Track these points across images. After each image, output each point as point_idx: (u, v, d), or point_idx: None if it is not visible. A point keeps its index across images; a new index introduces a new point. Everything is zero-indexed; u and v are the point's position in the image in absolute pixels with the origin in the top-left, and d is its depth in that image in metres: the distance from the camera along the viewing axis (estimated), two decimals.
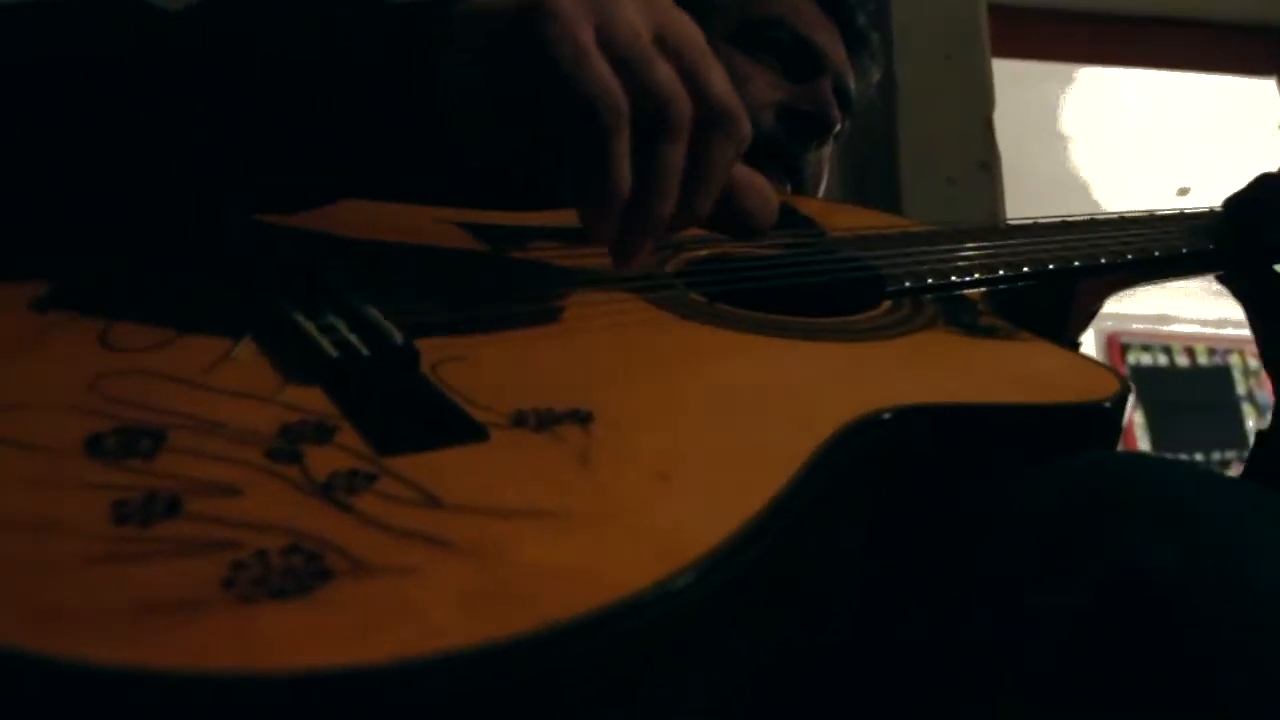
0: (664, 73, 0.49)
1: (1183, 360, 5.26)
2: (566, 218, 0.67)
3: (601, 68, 0.47)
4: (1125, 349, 5.12)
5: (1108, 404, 0.52)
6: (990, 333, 0.59)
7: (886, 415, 0.47)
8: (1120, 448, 0.52)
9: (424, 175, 0.55)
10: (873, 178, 1.68)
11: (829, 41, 0.96)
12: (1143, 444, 4.79)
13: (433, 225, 0.63)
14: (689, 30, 0.52)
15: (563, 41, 0.47)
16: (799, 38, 0.94)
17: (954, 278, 0.66)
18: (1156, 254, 0.75)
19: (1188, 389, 5.14)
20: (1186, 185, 4.21)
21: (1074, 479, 0.44)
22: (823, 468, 0.43)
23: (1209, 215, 0.84)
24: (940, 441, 0.49)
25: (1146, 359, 5.18)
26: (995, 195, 1.66)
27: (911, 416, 0.48)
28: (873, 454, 0.47)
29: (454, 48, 0.50)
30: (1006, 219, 1.70)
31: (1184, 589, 0.38)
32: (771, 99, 0.90)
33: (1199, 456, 4.87)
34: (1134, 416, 4.96)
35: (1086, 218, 0.80)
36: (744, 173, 0.54)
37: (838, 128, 0.93)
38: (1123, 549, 0.40)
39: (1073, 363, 0.57)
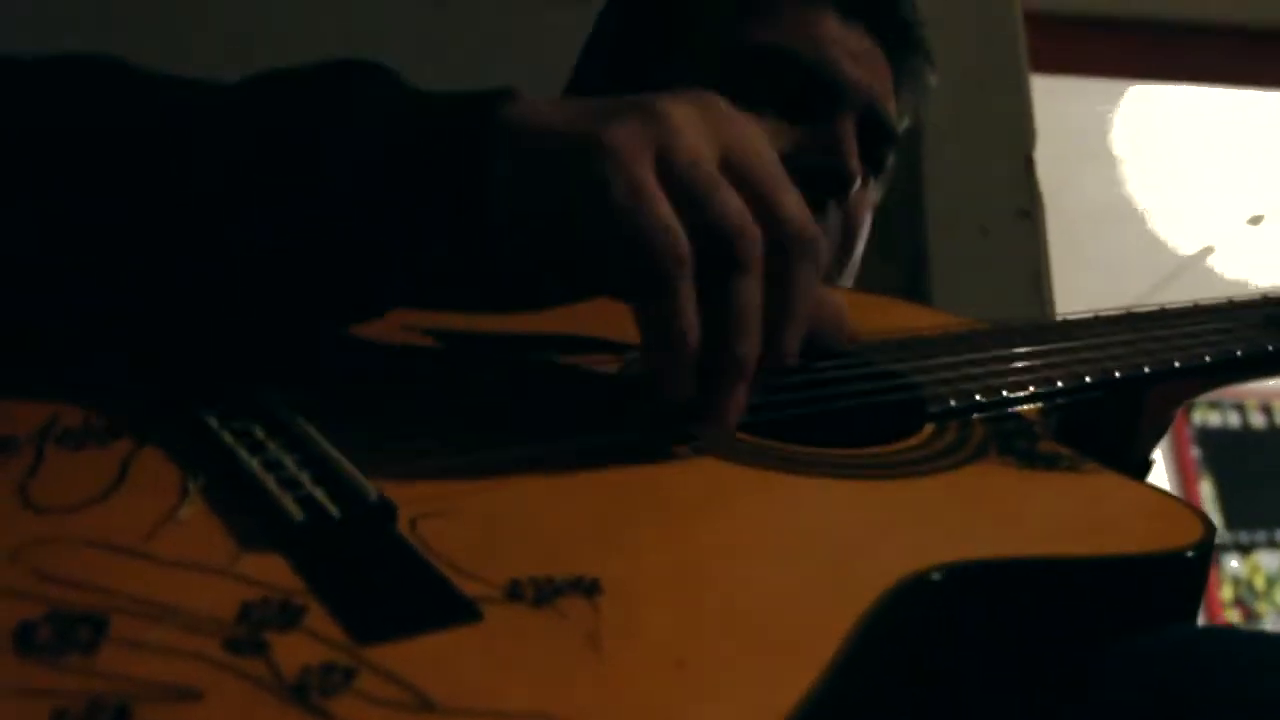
0: (731, 203, 0.52)
1: (1258, 420, 5.30)
2: (553, 322, 0.69)
3: (661, 208, 0.51)
4: (1190, 407, 5.16)
5: (1190, 553, 0.53)
6: (1051, 463, 0.61)
7: (936, 575, 0.48)
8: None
9: (466, 286, 0.58)
10: (893, 230, 1.71)
11: (853, 63, 0.91)
12: (1213, 521, 4.81)
13: (406, 334, 0.64)
14: (757, 148, 0.55)
15: (618, 181, 0.51)
16: (814, 73, 0.90)
17: (1006, 393, 0.68)
18: (1239, 354, 0.77)
19: (1266, 454, 5.18)
20: (1259, 213, 4.28)
21: (1154, 669, 0.45)
22: (864, 643, 0.44)
23: None
24: (996, 605, 0.50)
25: (1215, 419, 5.22)
26: (1038, 247, 1.69)
27: (963, 576, 0.49)
28: (920, 622, 0.48)
29: (504, 161, 0.54)
30: (1050, 270, 1.73)
31: None
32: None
33: None
34: (1201, 488, 4.99)
35: (1155, 309, 0.82)
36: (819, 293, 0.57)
37: (857, 183, 0.90)
38: None
39: (1147, 501, 0.58)
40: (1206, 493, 5.01)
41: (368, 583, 0.44)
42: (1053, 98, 2.13)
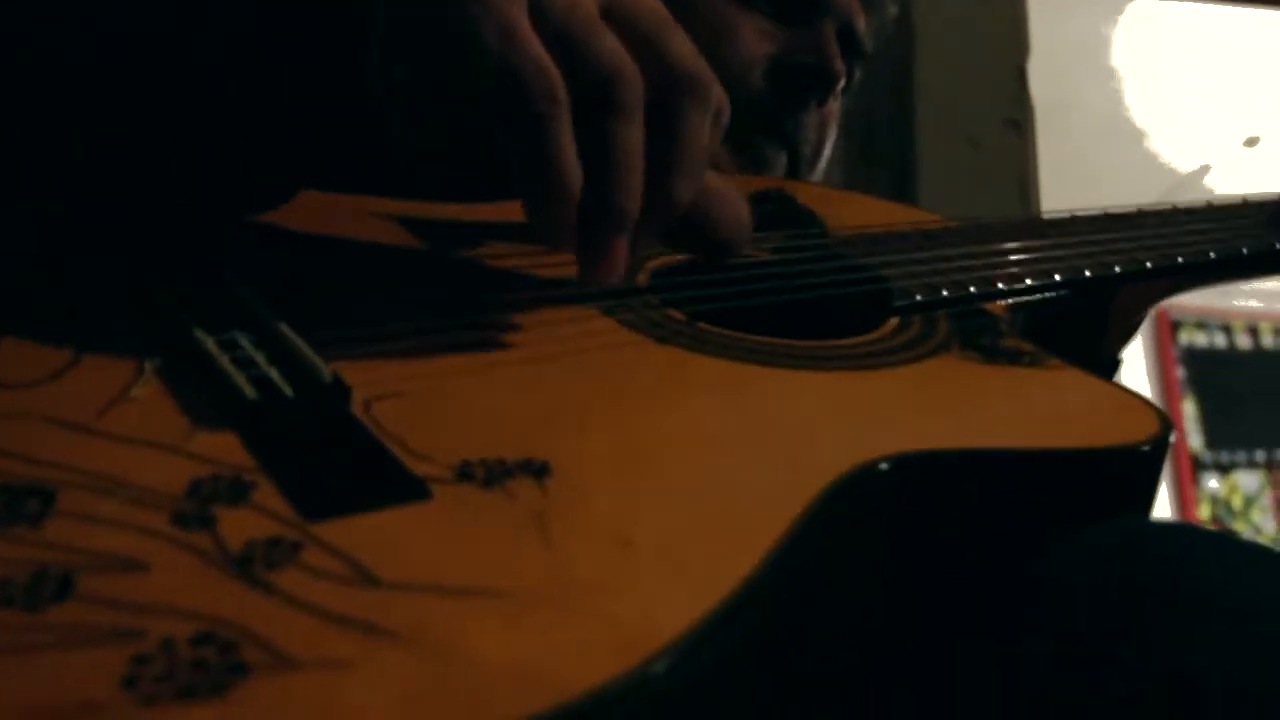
0: (608, 44, 0.51)
1: (1244, 341, 5.32)
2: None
3: (531, 47, 0.50)
4: (1176, 327, 5.16)
5: (1146, 447, 0.53)
6: (1013, 358, 0.61)
7: (884, 465, 0.48)
8: (1170, 445, 0.53)
9: (368, 165, 0.57)
10: (882, 138, 1.70)
11: None
12: (1194, 440, 4.84)
13: (369, 222, 0.64)
14: (644, 2, 0.53)
15: (488, 23, 0.49)
16: None
17: (974, 289, 0.68)
18: (1212, 255, 0.77)
19: (1250, 375, 5.20)
20: (1255, 135, 4.26)
21: (1106, 557, 0.46)
22: (812, 531, 0.44)
23: (1277, 204, 0.86)
24: (947, 497, 0.50)
25: (1201, 339, 5.23)
26: (1027, 158, 1.68)
27: (913, 466, 0.49)
28: (870, 512, 0.48)
29: (379, 34, 0.52)
30: (1039, 183, 1.71)
31: (1224, 698, 0.40)
32: (760, 52, 0.91)
33: (1261, 454, 4.94)
34: (1184, 407, 5.02)
35: (1132, 210, 0.82)
36: (710, 180, 0.56)
37: (842, 81, 0.94)
38: (1157, 647, 0.42)
39: (1106, 397, 0.58)
40: (1189, 412, 5.04)
41: (318, 461, 0.44)
42: (1052, 11, 2.10)
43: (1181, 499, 4.41)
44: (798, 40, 0.93)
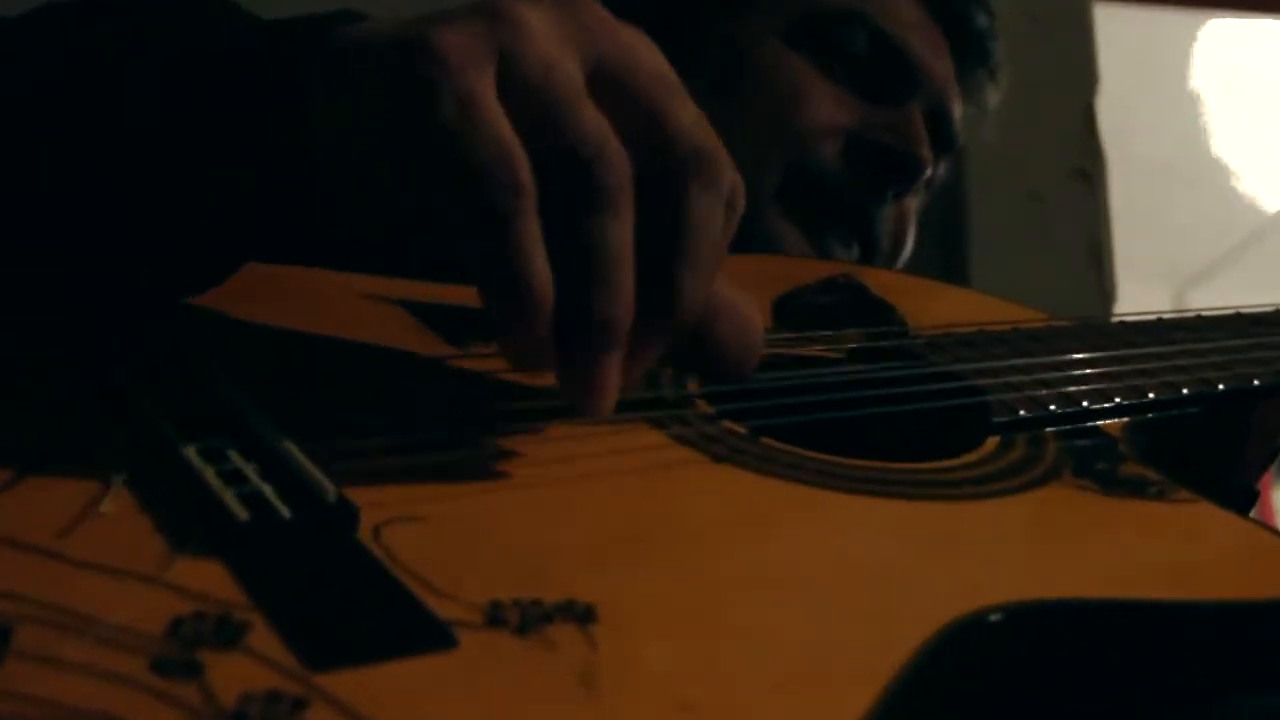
0: (588, 120, 0.50)
1: None
2: None
3: (495, 126, 0.49)
4: None
5: None
6: (1137, 489, 0.61)
7: (995, 616, 0.49)
8: None
9: (326, 239, 0.58)
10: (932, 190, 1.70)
11: (929, 51, 0.97)
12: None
13: (362, 304, 0.65)
14: (638, 55, 0.53)
15: (444, 92, 0.49)
16: (886, 40, 0.95)
17: (1087, 404, 0.68)
18: None
19: None
20: None
21: None
22: (909, 695, 0.44)
23: None
24: (1065, 655, 0.50)
25: None
26: (1098, 213, 1.67)
27: (1028, 618, 0.49)
28: (977, 673, 0.48)
29: (325, 89, 0.53)
30: (1113, 242, 1.71)
31: None
32: (838, 123, 0.92)
33: None
34: (1273, 499, 4.95)
35: (1270, 309, 0.83)
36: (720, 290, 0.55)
37: (928, 173, 0.95)
38: None
39: (1248, 537, 0.58)
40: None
41: (322, 598, 0.44)
42: (1121, 36, 2.11)
43: None
44: (882, 118, 0.94)
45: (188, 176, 0.56)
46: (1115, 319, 0.81)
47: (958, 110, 1.01)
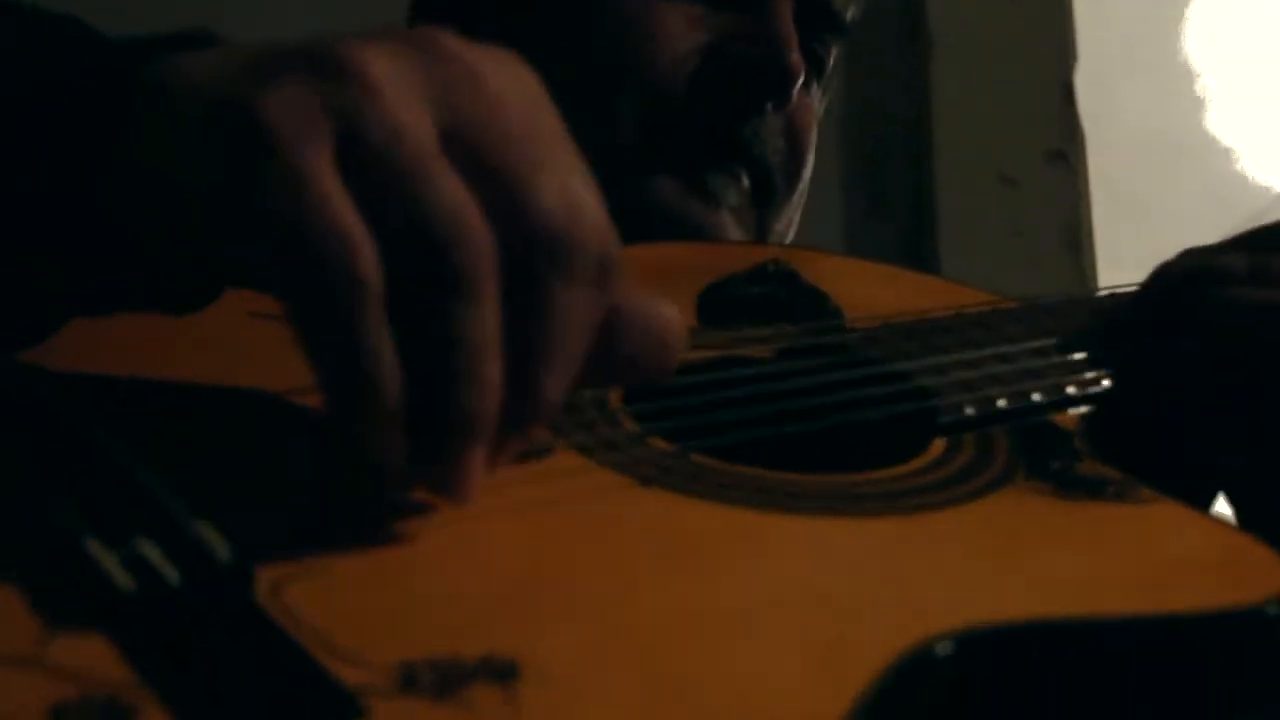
0: (444, 193, 0.48)
1: None
2: None
3: (333, 210, 0.46)
4: None
5: (1271, 609, 0.54)
6: (1095, 490, 0.61)
7: (946, 647, 0.49)
8: None
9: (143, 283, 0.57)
10: (894, 174, 1.70)
11: None
12: None
13: (249, 326, 0.64)
14: (500, 104, 0.50)
15: (272, 171, 0.46)
16: None
17: (1039, 397, 0.69)
18: None
19: None
20: None
21: None
22: None
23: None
24: (1026, 684, 0.50)
25: None
26: (1076, 198, 1.68)
27: (982, 644, 0.49)
28: (936, 701, 0.48)
29: (135, 129, 0.52)
30: (1092, 229, 1.72)
31: None
32: (690, 45, 0.91)
33: None
34: None
35: None
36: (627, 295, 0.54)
37: (800, 77, 0.92)
38: None
39: (1216, 540, 0.58)
40: None
41: (219, 672, 0.43)
42: (1101, 5, 2.11)
43: None
44: (740, 25, 0.92)
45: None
46: (1064, 297, 0.81)
47: None
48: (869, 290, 0.81)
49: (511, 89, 0.51)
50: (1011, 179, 1.70)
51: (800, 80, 0.92)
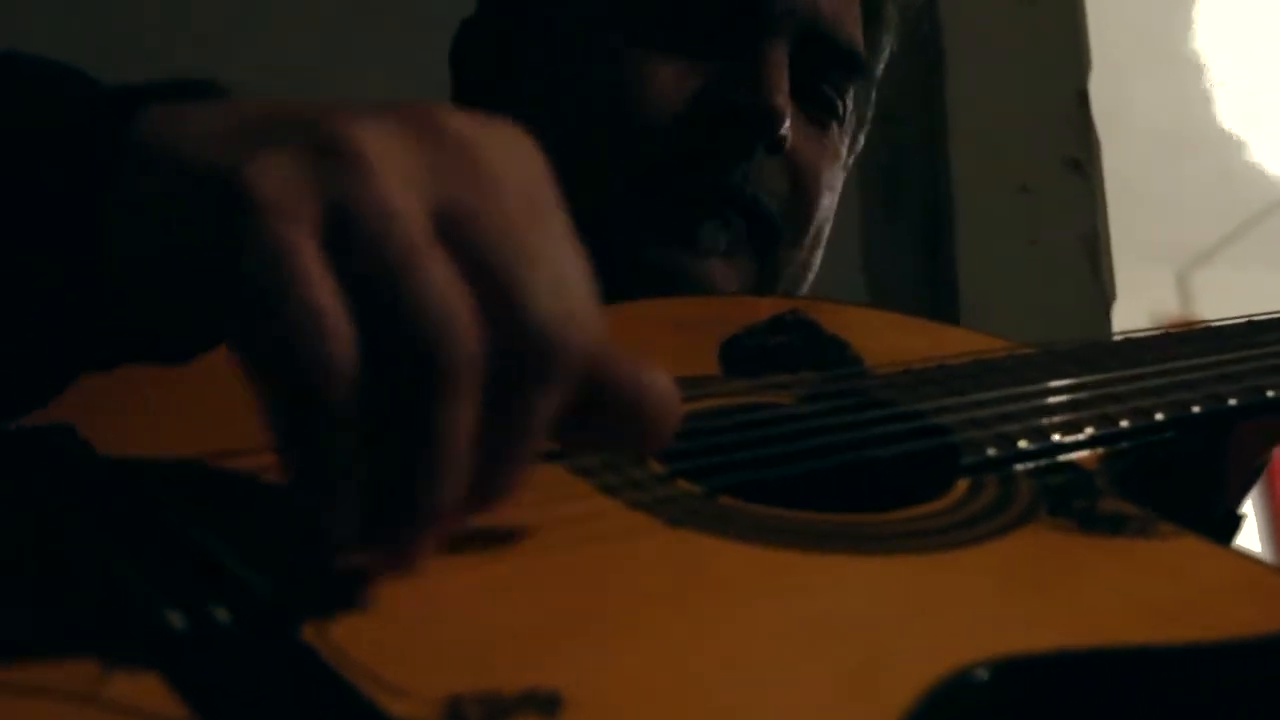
0: (433, 289, 0.46)
1: None
2: None
3: (315, 296, 0.45)
4: None
5: None
6: (1116, 527, 0.63)
7: (981, 674, 0.50)
8: None
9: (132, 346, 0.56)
10: (908, 188, 1.69)
11: None
12: None
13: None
14: (497, 189, 0.50)
15: (254, 250, 0.45)
16: None
17: (1058, 438, 0.70)
18: None
19: None
20: None
21: None
22: None
23: None
24: (1059, 708, 0.52)
25: None
26: (1092, 207, 1.67)
27: (1016, 672, 0.50)
28: None
29: (120, 190, 0.52)
30: (1109, 236, 1.72)
31: None
32: (682, 97, 0.90)
33: None
34: None
35: (1242, 321, 0.85)
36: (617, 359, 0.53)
37: (783, 122, 0.91)
38: None
39: (1237, 571, 0.60)
40: None
41: (271, 707, 0.44)
42: (1111, 6, 2.10)
43: None
44: (729, 73, 0.92)
45: None
46: (1081, 343, 0.83)
47: (848, 23, 0.97)
48: (888, 339, 0.82)
49: (510, 169, 0.51)
50: (1029, 188, 1.71)
51: (785, 122, 0.92)
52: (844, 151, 1.06)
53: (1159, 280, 4.47)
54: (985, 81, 1.74)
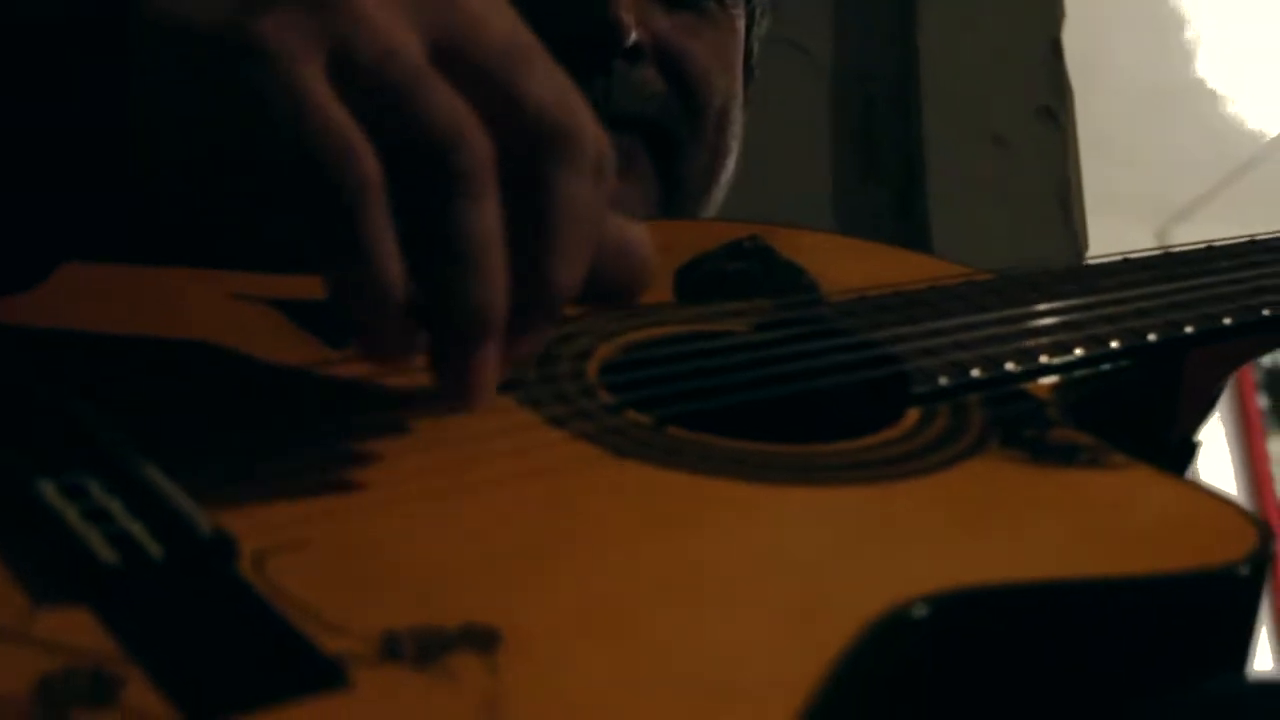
0: (438, 102, 0.52)
1: None
2: None
3: (333, 118, 0.50)
4: None
5: (1243, 569, 0.55)
6: (1068, 457, 0.63)
7: (922, 609, 0.50)
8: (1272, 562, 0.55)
9: (139, 228, 0.58)
10: (882, 135, 1.69)
11: None
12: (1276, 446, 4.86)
13: (234, 308, 0.65)
14: (486, 24, 0.54)
15: (273, 90, 0.50)
16: None
17: (1011, 366, 0.70)
18: None
19: None
20: None
21: None
22: (837, 700, 0.46)
23: None
24: (999, 645, 0.52)
25: None
26: (1065, 157, 1.68)
27: (956, 607, 0.51)
28: (908, 668, 0.50)
29: (142, 73, 0.54)
30: (1082, 186, 1.72)
31: None
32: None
33: None
34: (1269, 447, 5.05)
35: (1202, 247, 0.85)
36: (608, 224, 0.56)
37: (632, 35, 0.89)
38: None
39: (1187, 502, 0.60)
40: (1277, 452, 5.07)
41: (203, 642, 0.44)
42: None
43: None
44: None
45: None
46: (1039, 271, 0.83)
47: None
48: (846, 265, 0.82)
49: (489, 12, 0.55)
50: (1001, 138, 1.71)
51: (628, 32, 0.89)
52: (740, 23, 1.04)
53: (1138, 238, 4.47)
54: (957, 29, 1.73)
